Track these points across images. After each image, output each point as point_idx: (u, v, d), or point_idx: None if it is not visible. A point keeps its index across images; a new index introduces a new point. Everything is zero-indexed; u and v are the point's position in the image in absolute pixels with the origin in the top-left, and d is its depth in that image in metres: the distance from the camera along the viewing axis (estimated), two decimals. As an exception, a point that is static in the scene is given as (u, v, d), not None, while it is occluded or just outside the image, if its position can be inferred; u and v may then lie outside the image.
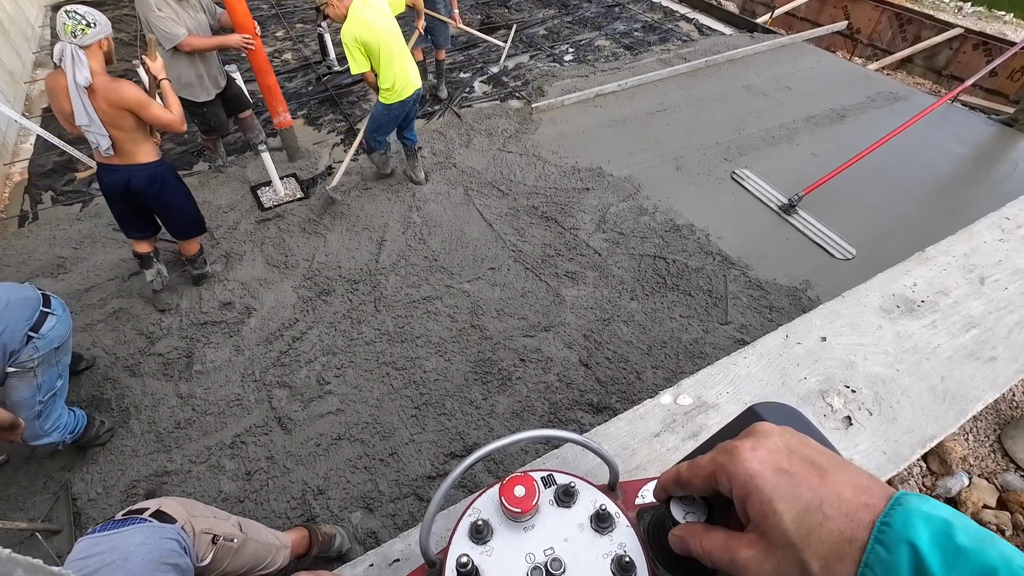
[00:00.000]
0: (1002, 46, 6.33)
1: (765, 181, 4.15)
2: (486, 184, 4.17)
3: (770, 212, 3.93)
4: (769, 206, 3.96)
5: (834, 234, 3.68)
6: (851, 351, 1.07)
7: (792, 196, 3.84)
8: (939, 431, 0.95)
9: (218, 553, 1.50)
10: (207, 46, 3.40)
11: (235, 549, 1.58)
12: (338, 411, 2.77)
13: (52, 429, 2.29)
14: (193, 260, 3.27)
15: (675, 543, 0.43)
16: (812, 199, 3.83)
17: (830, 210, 3.85)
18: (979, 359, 1.07)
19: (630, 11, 7.07)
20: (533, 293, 3.34)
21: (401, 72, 3.35)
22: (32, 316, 2.11)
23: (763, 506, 0.35)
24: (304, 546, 2.02)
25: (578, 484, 0.56)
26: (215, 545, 1.49)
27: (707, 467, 0.40)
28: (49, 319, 2.16)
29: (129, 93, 2.42)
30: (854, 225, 3.77)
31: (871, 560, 0.30)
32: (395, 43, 3.26)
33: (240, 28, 3.55)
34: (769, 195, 4.03)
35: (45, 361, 2.17)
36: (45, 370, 2.19)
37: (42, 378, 2.18)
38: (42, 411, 2.22)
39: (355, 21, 3.10)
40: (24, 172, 4.50)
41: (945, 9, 9.15)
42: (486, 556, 0.51)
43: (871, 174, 4.18)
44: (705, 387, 1.01)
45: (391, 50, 3.23)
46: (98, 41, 2.37)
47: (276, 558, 1.76)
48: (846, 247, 3.59)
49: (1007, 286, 1.22)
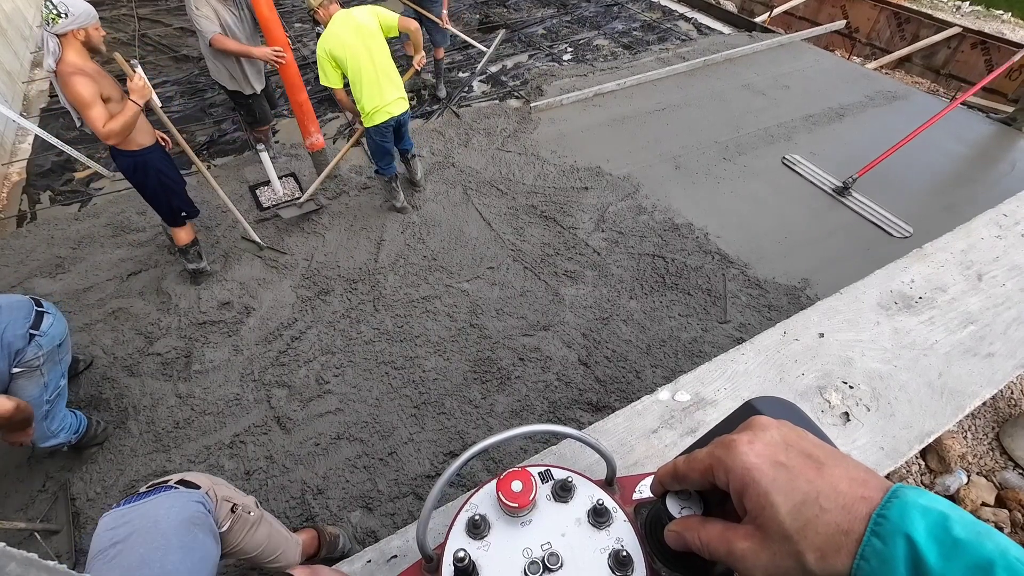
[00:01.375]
0: (1000, 45, 6.34)
1: (817, 165, 4.27)
2: (485, 183, 4.17)
3: (823, 196, 4.03)
4: (823, 189, 4.07)
5: (889, 213, 3.77)
6: (849, 347, 1.08)
7: (847, 179, 3.95)
8: (936, 427, 0.95)
9: (235, 524, 1.52)
10: (234, 50, 3.40)
11: (252, 522, 1.59)
12: (337, 410, 2.76)
13: (59, 430, 2.32)
14: (183, 251, 3.25)
15: (671, 538, 0.43)
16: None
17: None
18: (976, 355, 1.07)
19: (629, 10, 7.07)
20: (532, 292, 3.34)
21: (377, 97, 3.20)
22: (29, 315, 2.14)
23: (760, 499, 0.35)
24: (314, 547, 2.02)
25: (575, 479, 0.56)
26: (233, 514, 1.52)
27: (704, 461, 0.40)
28: (46, 317, 2.20)
29: (71, 90, 2.40)
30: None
31: (867, 552, 0.30)
32: (370, 66, 3.11)
33: (271, 41, 3.40)
34: (822, 179, 4.14)
35: (50, 359, 2.20)
36: (50, 368, 2.22)
37: (48, 376, 2.21)
38: (49, 411, 2.25)
39: (328, 35, 3.06)
40: (22, 172, 4.50)
41: (943, 8, 9.16)
42: (483, 551, 0.51)
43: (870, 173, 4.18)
44: (703, 383, 1.01)
45: (363, 72, 3.10)
46: (72, 31, 2.38)
47: (288, 552, 1.76)
48: (903, 226, 3.68)
49: (1004, 282, 1.23)
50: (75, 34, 2.40)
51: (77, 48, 2.43)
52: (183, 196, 3.09)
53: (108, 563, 1.24)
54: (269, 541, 1.66)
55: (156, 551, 1.25)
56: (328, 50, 3.07)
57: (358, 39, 3.07)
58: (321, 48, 3.09)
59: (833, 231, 3.75)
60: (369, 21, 3.11)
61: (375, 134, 3.41)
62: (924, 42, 6.85)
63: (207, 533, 1.37)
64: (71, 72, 2.39)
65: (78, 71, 2.40)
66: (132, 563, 1.23)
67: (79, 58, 2.43)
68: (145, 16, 6.96)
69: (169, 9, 7.18)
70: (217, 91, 5.35)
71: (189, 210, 3.14)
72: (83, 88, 2.39)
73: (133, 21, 6.80)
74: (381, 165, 3.65)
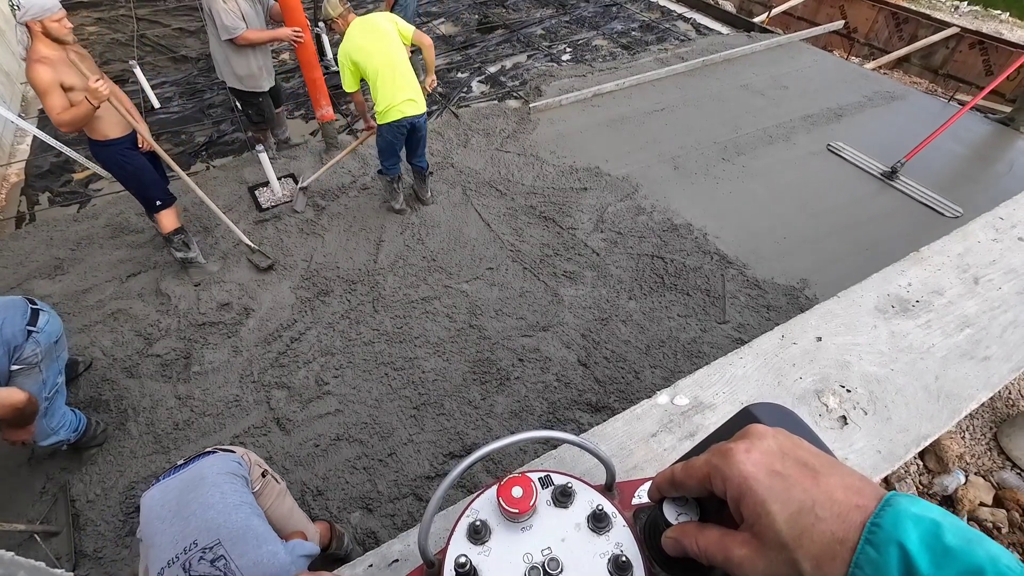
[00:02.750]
0: (999, 45, 6.35)
1: (862, 151, 4.42)
2: (484, 184, 4.18)
3: (869, 179, 4.16)
4: (871, 173, 4.23)
5: (939, 195, 3.90)
6: (846, 351, 1.08)
7: (895, 163, 4.10)
8: (933, 430, 0.96)
9: (265, 488, 1.65)
10: (262, 39, 3.56)
11: (279, 491, 1.73)
12: (337, 412, 2.77)
13: (59, 427, 2.35)
14: (168, 239, 3.30)
15: (669, 544, 0.43)
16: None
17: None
18: (973, 358, 1.08)
19: (627, 10, 7.08)
20: (531, 293, 3.34)
21: (390, 96, 3.26)
22: (25, 312, 2.17)
23: (757, 507, 0.36)
24: (327, 538, 2.06)
25: (575, 485, 0.56)
26: (263, 478, 1.67)
27: (702, 468, 0.41)
28: (42, 315, 2.23)
29: (31, 77, 2.51)
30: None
31: (861, 560, 0.31)
32: (388, 67, 3.19)
33: (291, 22, 3.67)
34: (868, 164, 4.27)
35: (48, 355, 2.24)
36: (48, 365, 2.25)
37: (46, 373, 2.25)
38: (48, 408, 2.28)
39: (347, 40, 3.18)
40: (20, 173, 4.49)
41: (941, 8, 9.17)
42: (484, 556, 0.52)
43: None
44: (702, 387, 1.02)
45: (379, 70, 3.18)
46: (28, 22, 2.46)
47: (310, 529, 1.84)
48: (953, 206, 3.79)
49: (1001, 286, 1.23)
50: (31, 25, 2.48)
51: (42, 38, 2.52)
52: (156, 185, 3.14)
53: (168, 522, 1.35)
54: (293, 514, 1.77)
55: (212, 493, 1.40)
56: (347, 53, 3.17)
57: (376, 39, 3.17)
58: (342, 54, 3.20)
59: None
60: (387, 25, 3.23)
61: (387, 132, 3.44)
62: (922, 42, 6.86)
63: (246, 486, 1.53)
64: (33, 60, 2.50)
65: (40, 59, 2.49)
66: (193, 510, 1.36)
67: (45, 47, 2.52)
68: (144, 17, 6.94)
69: (167, 10, 7.17)
70: (216, 91, 5.35)
71: (164, 198, 3.17)
72: (42, 75, 2.49)
73: (132, 21, 6.79)
74: (386, 165, 3.66)
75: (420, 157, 3.76)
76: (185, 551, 1.29)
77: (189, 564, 1.27)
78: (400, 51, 3.27)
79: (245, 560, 1.29)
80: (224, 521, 1.35)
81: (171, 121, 5.00)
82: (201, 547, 1.29)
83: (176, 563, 1.27)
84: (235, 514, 1.38)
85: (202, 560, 1.28)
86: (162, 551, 1.30)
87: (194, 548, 1.29)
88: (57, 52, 2.55)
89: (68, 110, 2.57)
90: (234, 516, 1.37)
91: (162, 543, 1.32)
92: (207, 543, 1.30)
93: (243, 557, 1.30)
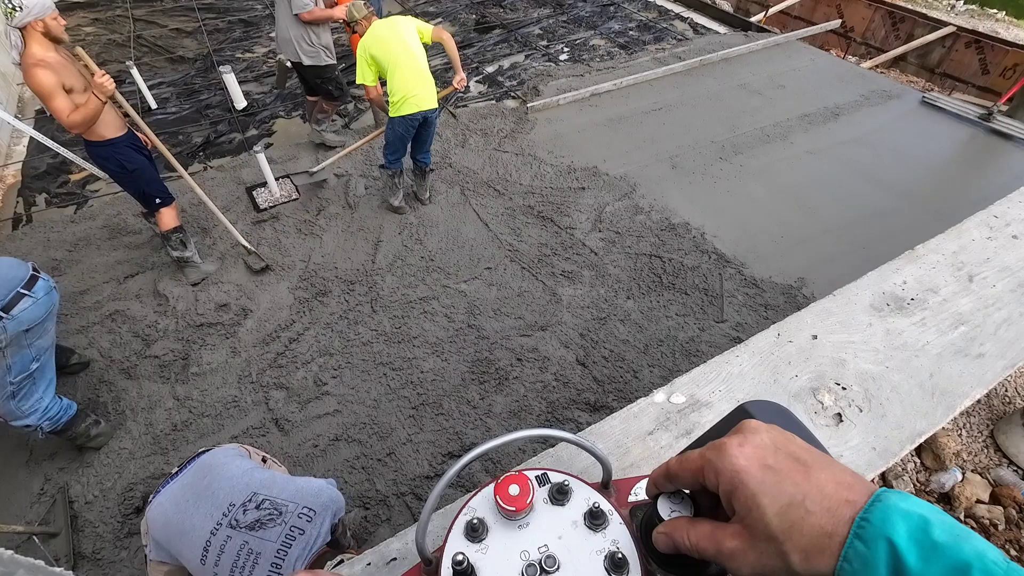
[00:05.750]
0: (995, 44, 6.37)
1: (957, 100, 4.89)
2: (482, 184, 4.18)
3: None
4: (968, 118, 4.76)
5: None
6: (842, 349, 1.09)
7: (992, 107, 4.77)
8: (928, 427, 0.97)
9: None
10: (323, 17, 3.81)
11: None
12: (335, 412, 2.77)
13: (30, 411, 2.26)
14: (166, 237, 3.29)
15: (660, 540, 0.44)
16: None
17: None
18: (967, 356, 1.09)
19: (625, 10, 7.08)
20: (530, 292, 3.35)
21: (405, 87, 3.32)
22: (5, 296, 2.07)
23: (748, 500, 0.36)
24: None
25: (572, 482, 0.57)
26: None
27: (696, 462, 0.41)
28: (24, 300, 2.12)
29: (33, 81, 2.48)
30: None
31: (850, 554, 0.32)
32: (407, 59, 3.29)
33: (343, 1, 3.91)
34: (964, 110, 4.84)
35: (14, 343, 2.13)
36: (15, 352, 2.15)
37: (12, 359, 2.14)
38: (16, 391, 2.19)
39: (368, 35, 3.31)
40: (17, 174, 4.48)
41: (938, 7, 9.20)
42: (481, 554, 0.52)
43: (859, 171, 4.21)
44: (698, 385, 1.02)
45: (398, 64, 3.28)
46: (31, 23, 2.44)
47: None
48: None
49: (995, 283, 1.24)
50: (34, 26, 2.46)
51: (39, 40, 2.49)
52: (155, 183, 3.13)
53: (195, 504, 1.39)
54: None
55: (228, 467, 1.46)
56: (367, 47, 3.28)
57: (394, 32, 3.29)
58: (361, 48, 3.31)
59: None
60: (407, 24, 3.35)
61: (399, 125, 3.48)
62: (919, 41, 6.88)
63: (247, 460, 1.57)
64: (32, 64, 2.46)
65: (39, 62, 2.47)
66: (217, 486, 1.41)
67: (42, 49, 2.50)
68: (141, 17, 6.93)
69: (164, 10, 7.15)
70: (213, 92, 5.34)
71: (162, 196, 3.17)
72: (44, 79, 2.47)
73: (128, 22, 6.77)
74: (390, 159, 3.69)
75: (426, 153, 3.81)
76: (224, 514, 1.35)
77: (236, 521, 1.33)
78: (417, 45, 3.37)
79: (286, 494, 1.38)
80: (250, 480, 1.43)
81: (168, 122, 4.99)
82: (241, 503, 1.36)
83: (221, 528, 1.33)
84: (256, 473, 1.47)
85: (247, 511, 1.35)
86: (200, 530, 1.35)
87: (233, 508, 1.35)
88: (54, 54, 2.54)
89: (77, 111, 2.55)
90: (256, 474, 1.46)
91: (196, 524, 1.36)
92: (244, 498, 1.37)
93: (283, 492, 1.39)
